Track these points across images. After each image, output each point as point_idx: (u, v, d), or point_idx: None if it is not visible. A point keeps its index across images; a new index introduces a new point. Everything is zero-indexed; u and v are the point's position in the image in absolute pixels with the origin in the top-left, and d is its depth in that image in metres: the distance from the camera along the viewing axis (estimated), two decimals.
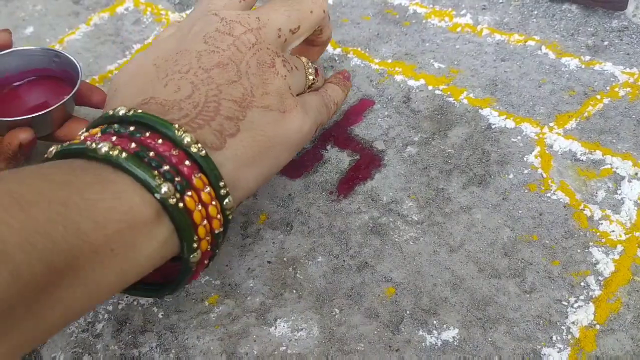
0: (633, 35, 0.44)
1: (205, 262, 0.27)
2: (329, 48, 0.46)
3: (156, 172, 0.24)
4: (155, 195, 0.24)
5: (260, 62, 0.30)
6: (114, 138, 0.25)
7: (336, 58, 0.45)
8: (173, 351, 0.30)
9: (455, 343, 0.29)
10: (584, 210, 0.34)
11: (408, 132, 0.39)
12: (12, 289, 0.19)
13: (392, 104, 0.41)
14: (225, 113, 0.28)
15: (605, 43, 0.44)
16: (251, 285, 0.32)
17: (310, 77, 0.34)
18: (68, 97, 0.34)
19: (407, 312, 0.30)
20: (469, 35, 0.46)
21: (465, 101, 0.41)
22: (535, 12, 0.47)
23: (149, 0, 0.52)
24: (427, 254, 0.33)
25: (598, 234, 0.33)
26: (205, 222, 0.25)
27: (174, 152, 0.25)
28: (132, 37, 0.48)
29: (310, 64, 0.34)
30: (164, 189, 0.23)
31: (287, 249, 0.33)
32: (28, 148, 0.34)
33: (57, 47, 0.48)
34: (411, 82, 0.42)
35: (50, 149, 0.26)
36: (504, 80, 0.42)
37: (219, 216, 0.26)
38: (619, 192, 0.34)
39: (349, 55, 0.45)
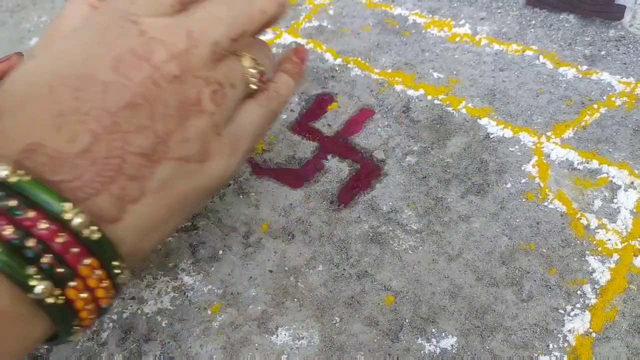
0: (630, 45, 0.44)
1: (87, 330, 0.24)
2: (330, 58, 0.46)
3: (32, 269, 0.20)
4: (29, 295, 0.20)
5: (182, 100, 0.24)
6: None
7: (337, 68, 0.46)
8: (177, 359, 0.30)
9: (454, 351, 0.29)
10: (581, 219, 0.34)
11: (407, 141, 0.40)
12: None
13: (391, 114, 0.42)
14: (129, 172, 0.22)
15: (603, 53, 0.44)
16: (253, 294, 0.32)
17: (253, 87, 0.28)
18: None
19: (407, 320, 0.31)
20: (468, 45, 0.46)
21: (464, 111, 0.41)
22: (533, 22, 0.48)
23: None
24: (426, 262, 0.33)
25: (594, 242, 0.33)
26: (89, 305, 0.22)
27: (59, 240, 0.21)
28: None
29: (253, 67, 0.28)
30: (40, 287, 0.20)
31: (289, 258, 0.34)
32: None
33: None
34: (411, 92, 0.43)
35: None
36: (502, 89, 0.42)
37: (108, 293, 0.23)
38: (615, 201, 0.35)
39: (349, 66, 0.46)
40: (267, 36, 0.49)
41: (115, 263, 0.22)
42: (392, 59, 0.46)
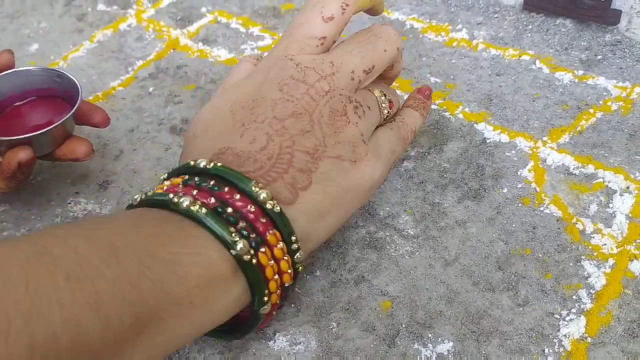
0: (626, 50, 0.45)
1: (274, 313, 0.28)
2: None
3: (233, 228, 0.25)
4: (232, 251, 0.25)
5: (333, 111, 0.30)
6: (194, 192, 0.26)
7: None
8: None
9: (450, 356, 0.30)
10: (577, 223, 0.34)
11: None
12: (101, 338, 0.21)
13: None
14: (298, 165, 0.28)
15: (599, 57, 0.44)
16: None
17: (385, 112, 0.34)
18: (67, 116, 0.35)
19: (403, 325, 0.31)
20: (465, 50, 0.47)
21: (460, 116, 0.41)
22: (530, 27, 0.48)
23: (152, 17, 0.53)
24: (422, 267, 0.33)
25: (590, 247, 0.33)
26: (276, 276, 0.26)
27: (250, 209, 0.26)
28: (134, 54, 0.49)
29: (383, 96, 0.34)
30: (240, 245, 0.25)
31: None
32: (27, 167, 0.34)
33: (62, 63, 0.49)
34: None
35: (135, 197, 0.27)
36: (499, 94, 0.43)
37: (289, 270, 0.27)
38: (610, 205, 0.35)
39: None
40: (264, 42, 0.49)
41: (293, 238, 0.27)
42: None
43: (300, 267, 0.28)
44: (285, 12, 0.52)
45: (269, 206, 0.26)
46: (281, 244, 0.26)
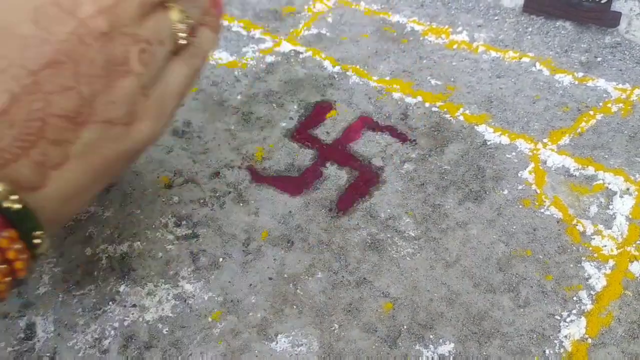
0: (625, 52, 0.45)
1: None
2: (328, 65, 0.47)
3: None
4: None
5: (109, 59, 0.22)
6: None
7: (335, 76, 0.46)
8: None
9: (451, 357, 0.30)
10: (577, 225, 0.35)
11: (405, 148, 0.40)
12: None
13: (390, 121, 0.42)
14: (51, 135, 0.21)
15: (599, 59, 0.45)
16: (253, 301, 0.33)
17: (181, 41, 0.26)
18: None
19: (405, 326, 0.31)
20: (465, 52, 0.47)
21: (461, 118, 0.42)
22: (530, 29, 0.48)
23: None
24: (423, 269, 0.33)
25: (590, 248, 0.34)
26: (7, 278, 0.21)
27: None
28: None
29: (184, 19, 0.26)
30: None
31: (288, 265, 0.34)
32: None
33: None
34: (409, 99, 0.43)
35: None
36: (499, 96, 0.43)
37: (26, 265, 0.21)
38: (610, 207, 0.35)
39: (347, 73, 0.46)
40: (266, 44, 0.50)
41: (36, 233, 0.21)
42: (390, 66, 0.46)
43: (43, 252, 0.23)
44: (286, 15, 0.53)
45: (5, 205, 0.20)
46: (18, 245, 0.21)
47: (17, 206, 0.20)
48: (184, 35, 0.26)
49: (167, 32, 0.25)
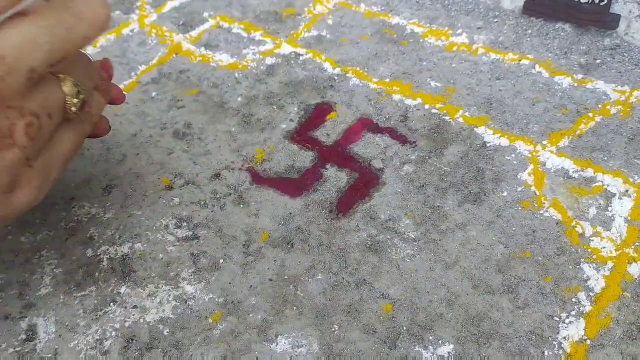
0: (625, 54, 0.45)
1: None
2: (329, 68, 0.47)
3: None
4: None
5: None
6: None
7: (336, 78, 0.46)
8: None
9: (451, 359, 0.30)
10: (576, 227, 0.35)
11: (405, 150, 0.40)
12: None
13: (390, 123, 0.42)
14: None
15: (598, 61, 0.45)
16: (253, 302, 0.33)
17: (73, 113, 0.26)
18: None
19: (404, 328, 0.31)
20: (465, 55, 0.47)
21: (461, 120, 0.42)
22: (530, 32, 0.48)
23: (154, 22, 0.54)
24: (423, 271, 0.34)
25: (589, 250, 0.34)
26: None
27: None
28: (137, 59, 0.50)
29: (74, 95, 0.26)
30: None
31: (288, 267, 0.34)
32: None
33: None
34: (409, 102, 0.44)
35: None
36: (499, 99, 0.43)
37: None
38: (610, 209, 0.35)
39: (348, 75, 0.46)
40: (266, 47, 0.50)
41: None
42: (391, 68, 0.46)
43: None
44: (287, 17, 0.53)
45: None
46: None
47: None
48: (76, 110, 0.26)
49: (58, 105, 0.25)
